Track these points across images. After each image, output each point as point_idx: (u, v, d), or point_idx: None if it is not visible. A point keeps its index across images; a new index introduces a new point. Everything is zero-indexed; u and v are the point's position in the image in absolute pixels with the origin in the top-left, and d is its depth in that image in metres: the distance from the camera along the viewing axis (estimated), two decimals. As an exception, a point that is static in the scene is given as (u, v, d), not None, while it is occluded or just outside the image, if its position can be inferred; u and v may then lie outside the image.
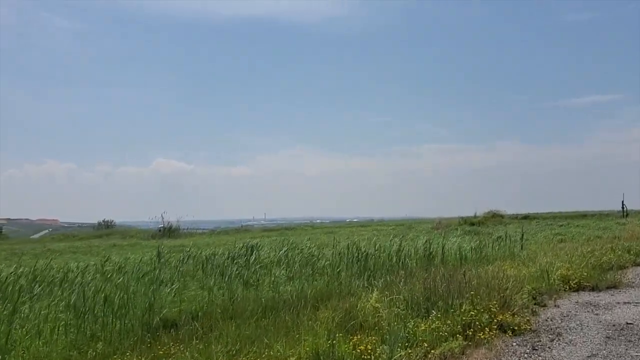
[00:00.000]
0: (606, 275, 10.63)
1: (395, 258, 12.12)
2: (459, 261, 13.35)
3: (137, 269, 11.06)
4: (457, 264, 13.02)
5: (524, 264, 12.25)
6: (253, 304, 8.07)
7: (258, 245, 15.23)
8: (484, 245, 16.39)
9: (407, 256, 12.56)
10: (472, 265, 12.58)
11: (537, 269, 10.92)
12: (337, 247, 15.08)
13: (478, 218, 38.86)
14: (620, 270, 11.90)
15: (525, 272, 10.40)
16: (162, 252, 14.79)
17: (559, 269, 10.63)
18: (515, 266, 11.73)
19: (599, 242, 17.11)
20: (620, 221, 30.91)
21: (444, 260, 13.16)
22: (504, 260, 13.56)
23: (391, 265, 11.84)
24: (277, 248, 15.34)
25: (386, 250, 13.17)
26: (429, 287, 7.93)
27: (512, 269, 10.97)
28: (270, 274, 10.87)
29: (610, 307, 8.34)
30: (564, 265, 11.17)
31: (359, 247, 12.71)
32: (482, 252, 15.16)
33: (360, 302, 7.77)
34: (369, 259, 11.61)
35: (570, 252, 13.27)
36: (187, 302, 8.33)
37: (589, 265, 11.50)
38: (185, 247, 26.84)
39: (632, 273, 11.40)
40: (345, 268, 11.39)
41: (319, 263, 11.78)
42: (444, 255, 13.60)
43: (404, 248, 13.97)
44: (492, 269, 10.92)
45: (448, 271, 10.64)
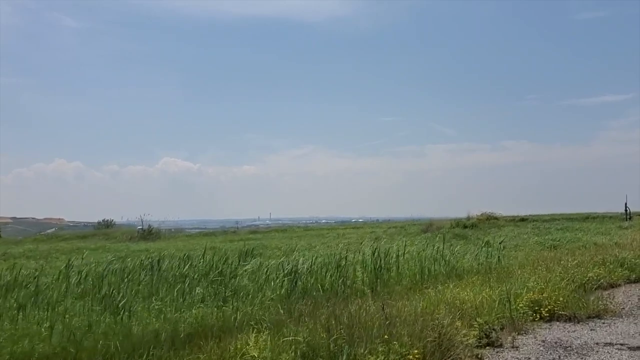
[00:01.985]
0: (589, 299, 8.49)
1: (332, 275, 10.00)
2: (419, 276, 11.27)
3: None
4: (416, 281, 10.97)
5: (498, 281, 10.21)
6: (102, 345, 6.00)
7: (192, 255, 13.16)
8: (459, 254, 14.31)
9: (348, 273, 10.43)
10: (431, 283, 10.54)
11: (505, 289, 8.85)
12: (285, 257, 13.05)
13: (471, 220, 36.62)
14: (610, 289, 9.78)
15: (486, 294, 8.29)
16: (85, 258, 12.79)
17: (531, 291, 8.52)
18: (481, 285, 9.64)
19: (592, 250, 14.95)
20: (622, 225, 28.61)
21: (400, 275, 11.07)
22: (476, 275, 11.54)
23: (329, 285, 9.76)
24: (210, 258, 13.21)
25: (335, 262, 11.09)
26: (333, 325, 5.83)
27: (474, 290, 8.88)
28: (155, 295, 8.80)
29: (586, 351, 6.20)
30: (539, 284, 9.06)
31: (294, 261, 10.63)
32: (456, 263, 13.11)
33: (241, 345, 5.72)
34: (301, 278, 9.51)
35: (552, 266, 11.14)
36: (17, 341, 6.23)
37: (573, 283, 9.40)
38: (150, 251, 24.96)
39: (622, 294, 9.25)
40: (272, 289, 9.33)
41: (239, 282, 9.72)
42: (400, 269, 11.52)
43: (349, 260, 11.93)
44: (447, 292, 8.87)
45: (385, 296, 8.62)
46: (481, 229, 33.20)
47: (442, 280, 11.10)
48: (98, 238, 42.39)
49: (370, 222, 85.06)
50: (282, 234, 43.59)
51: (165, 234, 39.99)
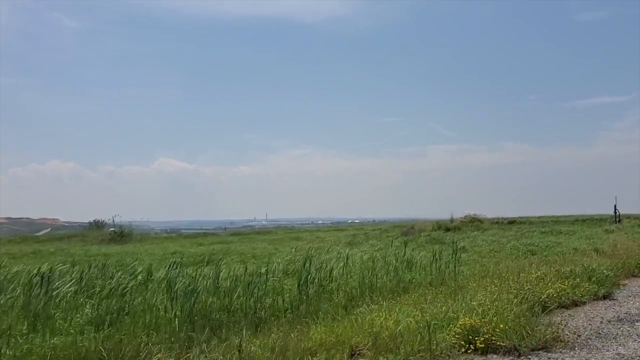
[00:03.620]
0: (541, 323, 7.02)
1: (243, 293, 8.51)
2: (357, 291, 9.83)
3: None
4: (352, 297, 9.52)
5: (444, 297, 8.83)
6: None
7: (107, 264, 11.68)
8: (417, 262, 12.88)
9: (267, 289, 8.97)
10: (372, 299, 9.11)
11: (440, 310, 7.40)
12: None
13: (455, 222, 35.19)
14: (573, 308, 8.31)
15: (416, 317, 6.82)
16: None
17: (470, 313, 7.05)
18: (414, 303, 8.21)
19: (563, 259, 13.50)
20: (609, 228, 27.19)
21: (332, 291, 9.61)
22: (427, 289, 10.15)
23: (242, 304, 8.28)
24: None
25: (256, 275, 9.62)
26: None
27: (404, 311, 7.42)
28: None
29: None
30: (484, 304, 7.59)
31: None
32: (406, 274, 11.68)
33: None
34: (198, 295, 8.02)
35: (511, 278, 9.67)
36: None
37: (526, 302, 7.93)
38: (110, 255, 23.49)
39: (584, 316, 7.75)
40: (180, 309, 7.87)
41: (132, 300, 8.25)
42: (338, 282, 10.07)
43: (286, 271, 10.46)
44: (371, 314, 7.43)
45: (304, 319, 7.21)
46: (464, 232, 31.76)
47: (385, 295, 9.70)
48: (75, 240, 41.00)
49: (366, 223, 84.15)
50: (264, 236, 42.26)
51: (137, 236, 38.48)
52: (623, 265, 12.15)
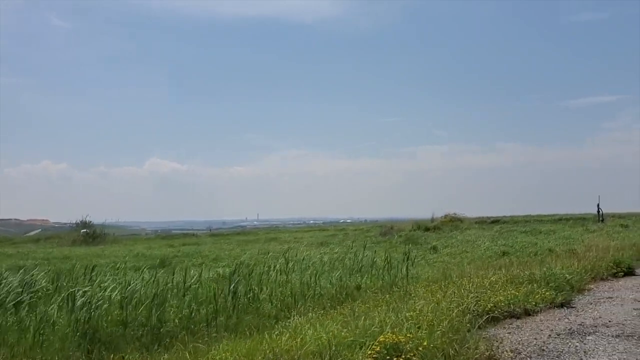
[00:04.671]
0: (480, 336, 6.12)
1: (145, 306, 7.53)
2: (291, 299, 8.91)
3: None
4: (285, 306, 8.60)
5: (393, 304, 7.96)
6: None
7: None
8: (373, 266, 11.99)
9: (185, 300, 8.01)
10: (310, 307, 8.21)
11: (372, 323, 6.47)
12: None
13: (434, 222, 34.34)
14: (524, 318, 7.41)
15: (331, 335, 5.88)
16: None
17: (400, 326, 6.14)
18: (361, 312, 7.31)
19: (532, 261, 12.65)
20: (590, 227, 26.42)
21: (273, 297, 8.70)
22: (376, 294, 9.30)
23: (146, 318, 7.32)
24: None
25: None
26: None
27: (328, 326, 6.48)
28: None
29: None
30: (423, 313, 6.69)
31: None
32: (358, 279, 10.82)
33: None
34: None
35: (461, 284, 8.78)
36: None
37: (469, 311, 7.05)
38: (70, 258, 22.50)
39: (532, 328, 6.83)
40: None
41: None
42: (270, 291, 9.13)
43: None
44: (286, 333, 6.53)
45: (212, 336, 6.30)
46: (443, 232, 30.95)
47: (324, 304, 8.80)
48: (52, 241, 39.83)
49: (358, 222, 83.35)
50: (243, 237, 41.34)
51: (111, 237, 37.39)
52: (592, 268, 11.28)
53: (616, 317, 7.12)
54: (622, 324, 6.73)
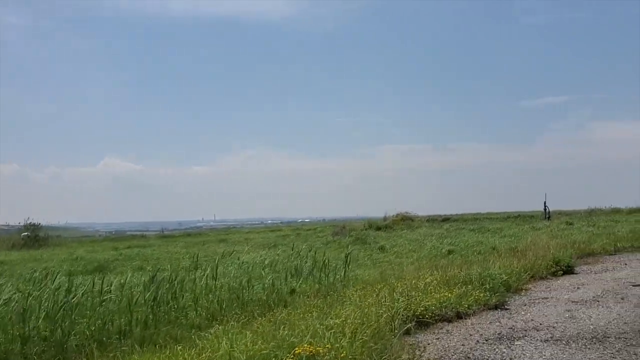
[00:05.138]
0: (404, 344, 5.80)
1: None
2: (221, 306, 8.41)
3: None
4: (215, 313, 8.12)
5: (323, 310, 7.57)
6: None
7: None
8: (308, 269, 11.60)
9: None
10: (231, 318, 7.74)
11: (291, 333, 6.05)
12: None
13: (387, 221, 34.33)
14: (456, 321, 7.15)
15: (242, 348, 5.44)
16: None
17: (322, 334, 5.75)
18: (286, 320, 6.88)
19: (475, 260, 12.52)
20: (536, 225, 26.80)
21: (199, 306, 8.19)
22: (309, 300, 8.91)
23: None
24: None
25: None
26: None
27: (247, 338, 6.04)
28: None
29: None
30: (349, 320, 6.33)
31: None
32: (295, 281, 10.40)
33: None
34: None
35: (397, 286, 8.48)
36: None
37: (398, 316, 6.72)
38: (2, 264, 21.30)
39: (460, 334, 6.55)
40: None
41: None
42: (197, 297, 8.61)
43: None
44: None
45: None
46: (394, 231, 30.93)
47: (252, 311, 8.34)
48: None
49: (316, 222, 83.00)
50: (193, 238, 40.52)
51: (55, 240, 35.89)
52: (532, 267, 11.19)
53: (547, 320, 6.92)
54: (553, 326, 6.53)
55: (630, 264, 12.24)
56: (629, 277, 10.17)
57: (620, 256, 14.07)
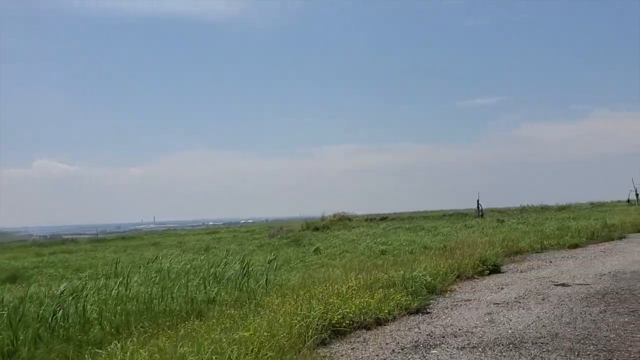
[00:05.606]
0: (316, 356, 5.41)
1: None
2: (126, 319, 7.77)
3: None
4: (121, 326, 7.47)
5: (236, 322, 7.09)
6: None
7: None
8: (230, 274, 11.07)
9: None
10: (152, 325, 7.14)
11: (186, 351, 5.54)
12: None
13: (325, 221, 34.16)
14: (375, 328, 6.82)
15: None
16: None
17: (225, 350, 5.28)
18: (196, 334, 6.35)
19: (404, 260, 12.35)
20: (469, 223, 27.23)
21: (102, 319, 7.52)
22: (227, 308, 8.39)
23: None
24: None
25: None
26: None
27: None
28: None
29: None
30: (257, 333, 5.88)
31: None
32: (215, 288, 9.86)
33: None
34: None
35: (314, 293, 8.11)
36: None
37: (313, 326, 6.33)
38: None
39: (377, 342, 6.20)
40: None
41: None
42: (101, 309, 7.94)
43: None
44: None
45: None
46: (331, 231, 30.75)
47: (161, 324, 7.75)
48: None
49: (259, 222, 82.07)
50: (126, 242, 39.08)
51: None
52: (459, 267, 11.10)
53: (467, 324, 6.70)
54: (471, 332, 6.30)
55: (555, 262, 12.38)
56: (552, 276, 10.20)
57: (547, 254, 14.28)
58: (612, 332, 5.85)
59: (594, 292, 8.18)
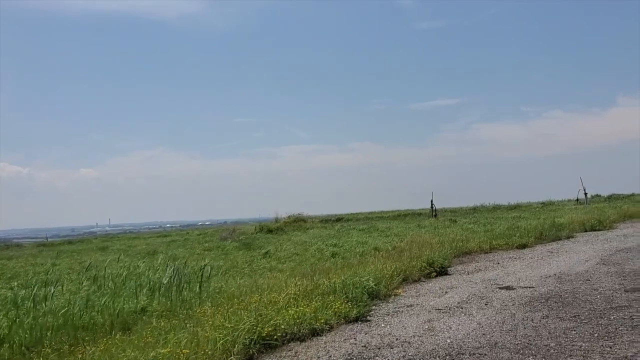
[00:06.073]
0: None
1: None
2: (39, 334, 7.14)
3: None
4: (32, 343, 6.84)
5: (150, 337, 6.51)
6: None
7: None
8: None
9: None
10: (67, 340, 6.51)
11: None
12: None
13: (278, 223, 33.62)
14: (308, 341, 6.39)
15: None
16: None
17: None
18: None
19: (349, 263, 11.98)
20: (422, 223, 27.18)
21: (12, 335, 6.85)
22: (161, 319, 7.85)
23: None
24: None
25: None
26: None
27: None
28: None
29: None
30: (180, 346, 5.37)
31: None
32: (146, 298, 9.28)
33: None
34: None
35: (252, 301, 7.64)
36: None
37: (238, 340, 5.86)
38: None
39: (309, 355, 5.81)
40: None
41: None
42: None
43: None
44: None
45: None
46: (286, 233, 30.24)
47: (88, 336, 7.16)
48: None
49: (217, 224, 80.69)
50: (74, 246, 37.56)
51: None
52: (406, 269, 10.82)
53: (406, 333, 6.35)
54: (409, 342, 5.94)
55: (502, 263, 12.24)
56: (498, 278, 10.00)
57: (495, 254, 14.17)
58: (552, 339, 5.59)
59: (537, 296, 7.96)
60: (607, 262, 10.96)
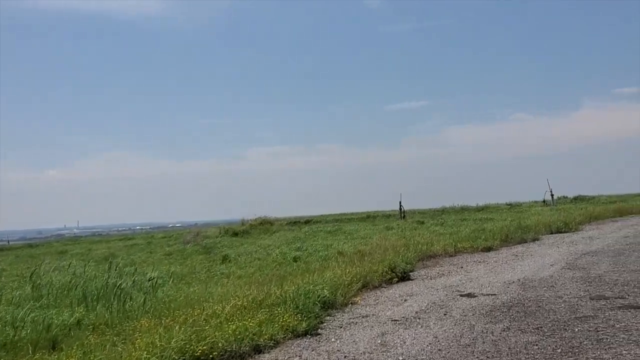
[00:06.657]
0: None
1: None
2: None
3: None
4: None
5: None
6: None
7: None
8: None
9: None
10: None
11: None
12: None
13: (245, 225, 32.90)
14: (257, 357, 5.80)
15: None
16: None
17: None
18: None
19: (299, 273, 11.43)
20: (390, 225, 26.81)
21: None
22: (96, 334, 7.16)
23: None
24: None
25: None
26: None
27: None
28: None
29: None
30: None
31: None
32: (85, 309, 8.57)
33: None
34: None
35: (201, 311, 7.02)
36: None
37: None
38: None
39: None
40: None
41: None
42: None
43: None
44: None
45: None
46: (251, 236, 29.54)
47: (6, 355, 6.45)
48: None
49: (187, 226, 79.41)
50: (32, 250, 36.26)
51: None
52: (367, 275, 10.31)
53: (356, 349, 5.81)
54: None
55: (466, 267, 11.84)
56: (460, 284, 9.56)
57: (460, 257, 13.80)
58: (513, 355, 5.11)
59: (499, 304, 7.52)
60: (573, 266, 10.63)
